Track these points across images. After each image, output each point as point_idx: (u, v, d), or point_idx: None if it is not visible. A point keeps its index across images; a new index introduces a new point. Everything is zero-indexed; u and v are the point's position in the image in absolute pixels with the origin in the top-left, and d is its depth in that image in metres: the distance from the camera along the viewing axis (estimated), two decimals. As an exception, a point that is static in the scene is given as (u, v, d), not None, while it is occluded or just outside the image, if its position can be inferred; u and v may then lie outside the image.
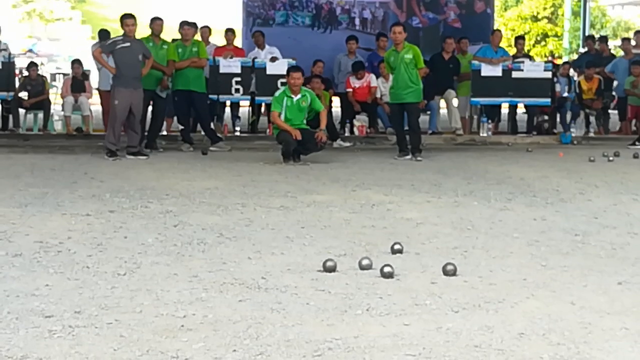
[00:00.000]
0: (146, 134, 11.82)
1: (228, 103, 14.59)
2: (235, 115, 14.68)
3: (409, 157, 11.14)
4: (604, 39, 17.23)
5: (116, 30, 12.10)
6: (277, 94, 10.86)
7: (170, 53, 11.91)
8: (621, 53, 17.66)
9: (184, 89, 12.01)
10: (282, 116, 10.62)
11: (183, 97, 12.07)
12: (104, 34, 13.74)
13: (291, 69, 11.09)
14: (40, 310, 4.14)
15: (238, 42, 15.58)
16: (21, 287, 4.57)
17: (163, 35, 12.13)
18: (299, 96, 10.72)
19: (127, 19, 11.17)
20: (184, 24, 12.29)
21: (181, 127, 12.53)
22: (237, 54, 14.17)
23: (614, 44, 24.68)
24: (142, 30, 12.12)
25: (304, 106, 10.73)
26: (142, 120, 11.47)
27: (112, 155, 10.83)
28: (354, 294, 4.50)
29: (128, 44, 11.05)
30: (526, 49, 16.94)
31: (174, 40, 12.66)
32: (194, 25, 12.58)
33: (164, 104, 12.13)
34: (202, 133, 12.68)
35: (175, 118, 13.24)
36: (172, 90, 12.07)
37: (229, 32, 14.58)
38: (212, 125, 12.84)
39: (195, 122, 13.10)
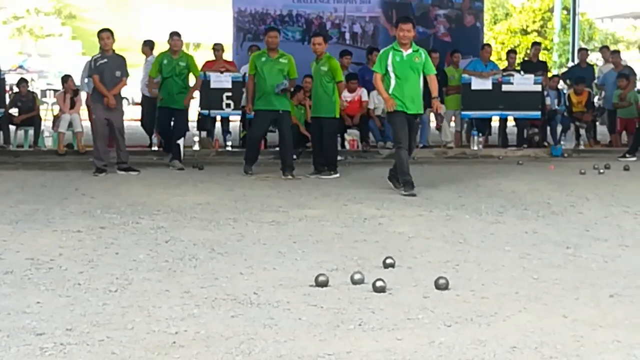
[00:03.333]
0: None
1: (218, 118, 14.61)
2: (225, 130, 14.69)
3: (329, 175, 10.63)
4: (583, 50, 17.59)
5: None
6: (382, 50, 9.40)
7: (194, 68, 11.82)
8: (600, 64, 17.82)
9: (166, 107, 11.70)
10: (392, 77, 9.07)
11: (165, 114, 11.82)
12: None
13: (401, 19, 9.46)
14: (31, 327, 4.12)
15: (228, 57, 15.63)
16: (12, 304, 4.55)
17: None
18: (409, 51, 9.07)
19: (102, 33, 11.08)
20: (173, 35, 11.93)
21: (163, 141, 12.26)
22: (228, 65, 14.25)
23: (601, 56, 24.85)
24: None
25: (417, 63, 9.07)
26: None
27: (98, 172, 10.76)
28: (346, 309, 4.49)
29: (105, 60, 10.96)
30: (517, 62, 16.98)
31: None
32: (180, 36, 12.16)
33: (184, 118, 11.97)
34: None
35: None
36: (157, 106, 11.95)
37: (217, 48, 14.65)
38: (181, 142, 12.39)
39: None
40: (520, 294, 4.83)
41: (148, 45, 14.36)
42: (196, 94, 12.89)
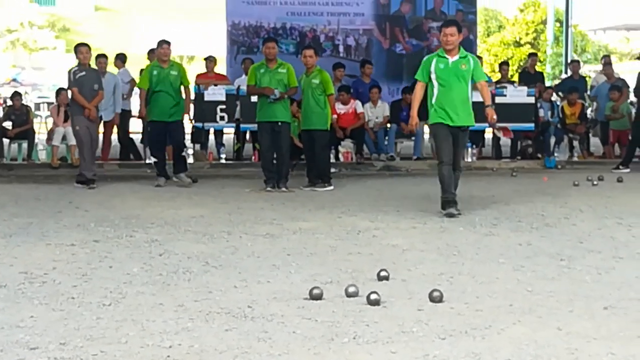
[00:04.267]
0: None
1: (212, 130, 14.61)
2: (219, 143, 14.70)
3: (325, 188, 10.62)
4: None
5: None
6: (426, 57, 8.78)
7: (184, 78, 11.37)
8: (593, 76, 17.90)
9: (159, 120, 11.24)
10: (436, 86, 8.39)
11: (159, 128, 11.26)
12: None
13: (444, 23, 8.79)
14: (25, 342, 4.11)
15: (222, 70, 15.66)
16: (6, 318, 4.53)
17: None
18: (456, 57, 8.41)
19: (81, 47, 11.15)
20: (162, 43, 11.41)
21: (154, 159, 11.55)
22: (219, 79, 14.25)
23: (595, 68, 25.02)
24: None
25: (464, 70, 8.39)
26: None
27: (90, 183, 10.76)
28: (341, 322, 4.48)
29: (84, 73, 11.02)
30: (509, 74, 17.06)
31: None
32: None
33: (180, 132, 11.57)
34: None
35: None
36: (148, 120, 11.59)
37: (209, 60, 14.68)
38: (187, 153, 12.13)
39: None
40: (514, 306, 4.83)
41: (120, 59, 14.47)
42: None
